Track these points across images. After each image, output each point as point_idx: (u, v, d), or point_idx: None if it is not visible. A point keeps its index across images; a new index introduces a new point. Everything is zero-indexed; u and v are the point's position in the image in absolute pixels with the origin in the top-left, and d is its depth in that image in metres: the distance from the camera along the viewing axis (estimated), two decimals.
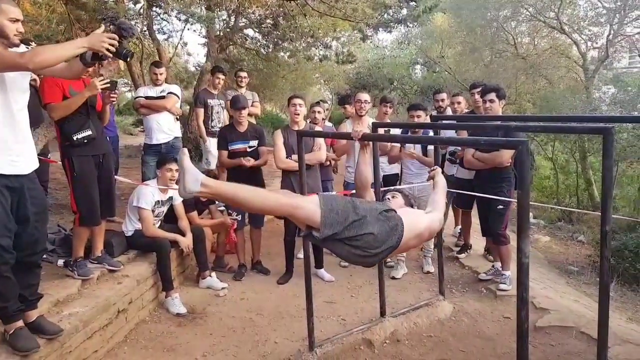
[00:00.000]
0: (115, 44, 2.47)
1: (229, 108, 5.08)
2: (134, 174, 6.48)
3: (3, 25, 2.39)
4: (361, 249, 2.13)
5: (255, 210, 2.32)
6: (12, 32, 2.42)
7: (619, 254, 6.82)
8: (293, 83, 17.03)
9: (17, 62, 2.31)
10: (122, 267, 3.77)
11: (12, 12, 2.42)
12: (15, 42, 2.47)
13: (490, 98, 4.29)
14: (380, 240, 2.15)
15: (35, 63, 2.34)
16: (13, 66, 2.35)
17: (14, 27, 2.42)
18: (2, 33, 2.40)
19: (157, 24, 11.36)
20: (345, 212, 2.08)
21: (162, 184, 4.25)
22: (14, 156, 2.47)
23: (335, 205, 2.08)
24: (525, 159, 1.82)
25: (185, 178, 1.89)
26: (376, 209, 2.21)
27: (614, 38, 10.96)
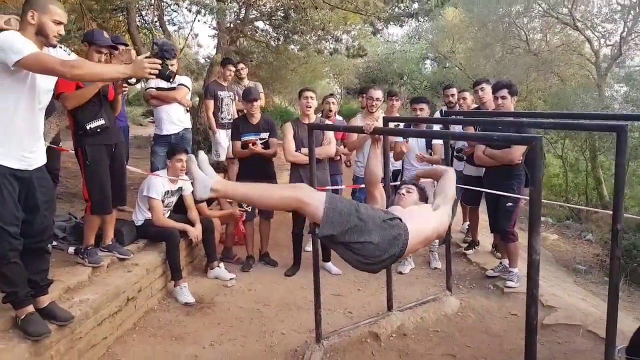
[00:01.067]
0: (157, 68, 2.51)
1: (241, 100, 5.09)
2: (144, 164, 6.52)
3: (46, 25, 2.46)
4: (362, 256, 2.12)
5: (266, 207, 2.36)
6: (53, 33, 2.49)
7: (628, 253, 6.78)
8: (302, 76, 16.99)
9: (57, 70, 2.35)
10: (131, 255, 3.81)
11: (58, 14, 2.49)
12: (53, 43, 2.54)
13: (503, 95, 4.27)
14: (382, 249, 2.12)
15: (74, 75, 2.40)
16: (51, 71, 2.39)
17: (56, 29, 2.49)
18: (43, 31, 2.46)
19: (168, 15, 11.37)
20: (348, 215, 2.04)
21: (172, 174, 4.28)
22: (27, 153, 2.52)
23: (340, 205, 2.05)
24: (538, 155, 1.81)
25: (195, 186, 1.95)
26: (380, 216, 2.15)
27: (627, 35, 10.82)
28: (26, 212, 2.55)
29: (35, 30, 2.46)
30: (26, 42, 2.37)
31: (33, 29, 2.46)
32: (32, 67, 2.36)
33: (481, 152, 4.43)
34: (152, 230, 4.13)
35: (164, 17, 10.73)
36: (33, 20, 2.44)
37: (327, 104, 5.22)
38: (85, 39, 3.52)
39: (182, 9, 10.99)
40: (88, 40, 3.47)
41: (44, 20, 2.45)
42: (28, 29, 2.46)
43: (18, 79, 2.41)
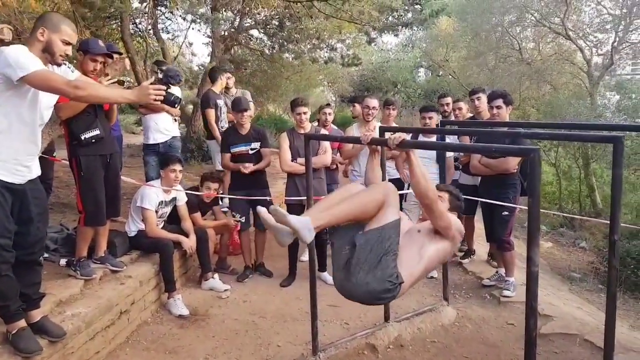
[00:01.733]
0: (162, 95, 2.52)
1: (230, 111, 5.06)
2: (137, 173, 6.47)
3: (54, 43, 2.48)
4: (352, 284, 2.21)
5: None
6: (60, 52, 2.51)
7: (622, 261, 6.79)
8: (297, 84, 17.01)
9: (62, 89, 2.37)
10: (124, 267, 3.76)
11: (68, 35, 2.52)
12: (59, 62, 2.57)
13: (498, 104, 4.28)
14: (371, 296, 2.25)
15: (78, 96, 2.42)
16: (56, 90, 2.41)
17: (63, 49, 2.52)
18: (50, 49, 2.49)
19: (162, 23, 11.37)
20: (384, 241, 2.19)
21: (166, 184, 4.24)
22: (21, 167, 2.50)
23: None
24: (537, 167, 1.80)
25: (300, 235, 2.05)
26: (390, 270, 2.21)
27: (618, 45, 10.94)
28: (19, 224, 2.52)
29: (42, 47, 2.48)
30: (32, 59, 2.37)
31: (41, 46, 2.48)
32: (36, 84, 2.36)
33: (477, 162, 4.43)
34: (145, 242, 4.08)
35: (158, 25, 10.73)
36: (42, 37, 2.46)
37: (324, 115, 5.21)
38: (80, 47, 3.49)
39: (176, 17, 11.02)
40: (83, 49, 3.45)
41: (53, 38, 2.47)
42: (36, 44, 2.47)
43: (19, 94, 2.41)
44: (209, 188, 4.65)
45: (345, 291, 2.32)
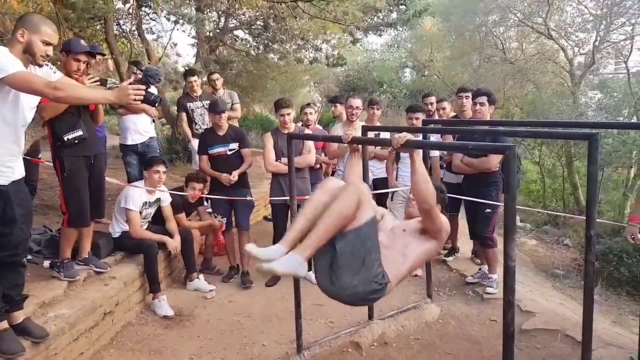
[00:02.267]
0: (141, 94, 2.51)
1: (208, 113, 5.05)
2: (121, 174, 6.42)
3: (34, 44, 2.48)
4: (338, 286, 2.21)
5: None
6: (40, 52, 2.51)
7: (604, 257, 6.92)
8: (283, 85, 17.02)
9: (41, 90, 2.37)
10: (109, 268, 3.74)
11: (48, 35, 2.51)
12: (39, 62, 2.56)
13: (481, 101, 4.34)
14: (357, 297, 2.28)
15: (58, 97, 2.42)
16: (35, 91, 2.41)
17: (44, 49, 2.51)
18: (30, 50, 2.48)
19: (146, 23, 11.29)
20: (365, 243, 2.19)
21: (150, 185, 4.23)
22: (4, 167, 2.50)
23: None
24: (512, 164, 1.84)
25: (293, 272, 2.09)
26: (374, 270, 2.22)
27: (600, 44, 11.13)
28: (3, 226, 2.52)
29: (23, 48, 2.47)
30: (12, 60, 2.36)
31: (21, 47, 2.47)
32: (15, 85, 2.35)
33: (459, 161, 4.49)
34: (129, 243, 4.06)
35: (143, 25, 10.66)
36: (22, 39, 2.46)
37: (305, 115, 5.23)
38: (63, 48, 3.47)
39: (160, 17, 10.96)
40: (65, 50, 3.42)
41: (34, 39, 2.47)
42: (16, 46, 2.47)
43: (0, 95, 2.39)
44: (193, 188, 4.65)
45: (332, 294, 2.31)
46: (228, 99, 6.28)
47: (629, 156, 9.03)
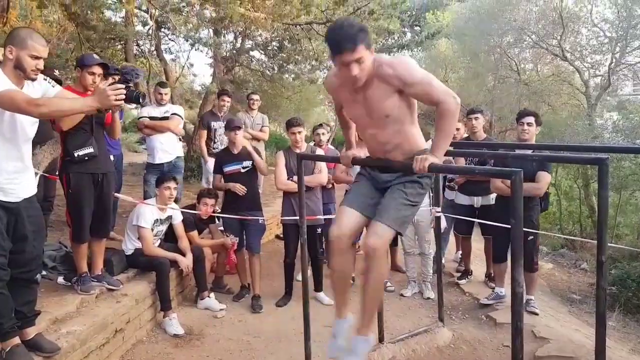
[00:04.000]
0: (122, 93, 2.51)
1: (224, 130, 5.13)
2: (137, 192, 6.52)
3: (23, 59, 2.50)
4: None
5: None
6: (30, 67, 2.53)
7: (622, 283, 6.76)
8: (297, 104, 17.21)
9: (24, 108, 2.40)
10: (121, 286, 3.77)
11: (36, 49, 2.52)
12: (32, 76, 2.58)
13: (529, 121, 4.27)
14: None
15: (41, 113, 2.46)
16: (20, 110, 2.43)
17: (33, 64, 2.53)
18: (20, 66, 2.51)
19: (165, 44, 11.58)
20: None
21: (161, 202, 4.29)
22: (13, 185, 2.54)
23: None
24: (519, 189, 1.84)
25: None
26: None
27: (615, 66, 11.06)
28: (15, 242, 2.56)
29: (13, 64, 2.51)
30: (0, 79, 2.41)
31: (11, 64, 2.51)
32: (2, 105, 2.40)
33: (500, 182, 4.32)
34: (142, 260, 4.11)
35: (161, 46, 10.93)
36: (11, 55, 2.50)
37: (317, 135, 5.27)
38: (77, 64, 3.55)
39: (179, 38, 11.22)
40: (80, 65, 3.49)
41: (22, 55, 2.49)
42: (7, 63, 2.52)
43: None
44: (205, 204, 4.69)
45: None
46: (260, 120, 6.47)
47: None
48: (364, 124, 2.46)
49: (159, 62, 11.07)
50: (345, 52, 2.12)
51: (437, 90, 2.24)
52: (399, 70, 2.23)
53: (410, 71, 2.24)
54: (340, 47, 2.12)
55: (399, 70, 2.23)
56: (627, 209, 10.92)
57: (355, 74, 2.17)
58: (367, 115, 2.38)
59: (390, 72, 2.23)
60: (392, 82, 2.24)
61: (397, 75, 2.23)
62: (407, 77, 2.22)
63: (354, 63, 2.14)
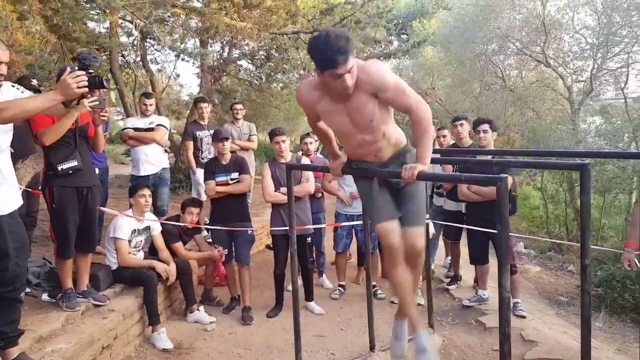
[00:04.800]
0: (84, 80, 2.45)
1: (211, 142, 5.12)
2: (124, 204, 6.45)
3: None
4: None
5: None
6: None
7: (608, 284, 6.82)
8: (286, 113, 17.21)
9: None
10: (108, 301, 3.72)
11: None
12: None
13: (484, 129, 4.41)
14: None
15: (5, 118, 2.35)
16: None
17: None
18: None
19: (151, 54, 11.54)
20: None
21: (137, 211, 4.24)
22: None
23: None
24: (504, 195, 1.86)
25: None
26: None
27: (597, 72, 11.22)
28: None
29: None
30: None
31: None
32: None
33: (466, 189, 4.47)
34: (127, 274, 4.06)
35: (147, 56, 10.89)
36: None
37: (305, 144, 5.29)
38: (59, 76, 3.47)
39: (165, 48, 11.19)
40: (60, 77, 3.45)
41: None
42: None
43: None
44: (191, 213, 4.66)
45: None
46: (247, 130, 6.43)
47: (629, 182, 8.98)
48: (349, 132, 2.46)
49: (145, 73, 11.02)
50: (339, 66, 2.12)
51: (410, 97, 2.29)
52: (373, 76, 2.26)
53: (384, 77, 2.28)
54: (333, 62, 2.12)
55: (373, 77, 2.26)
56: (611, 211, 11.05)
57: (350, 85, 2.19)
58: (352, 122, 2.39)
59: (365, 78, 2.26)
60: (367, 88, 2.28)
61: (371, 81, 2.26)
62: (381, 83, 2.26)
63: (347, 74, 2.16)
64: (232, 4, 5.36)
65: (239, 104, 6.69)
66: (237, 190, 4.66)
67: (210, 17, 5.57)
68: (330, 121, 2.53)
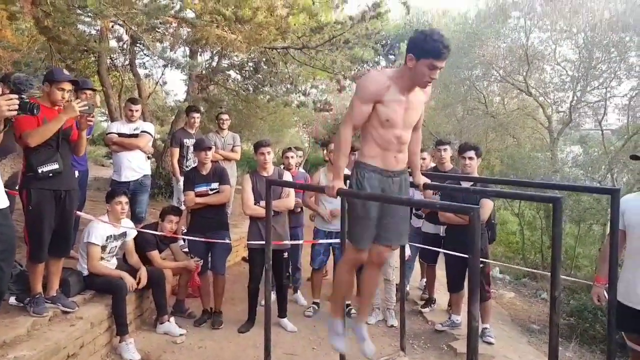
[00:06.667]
0: (15, 104, 2.43)
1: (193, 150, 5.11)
2: (101, 208, 6.35)
3: None
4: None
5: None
6: None
7: (579, 314, 6.95)
8: (271, 124, 17.22)
9: None
10: (77, 308, 3.65)
11: None
12: None
13: (470, 156, 4.47)
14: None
15: None
16: None
17: None
18: None
19: (140, 59, 11.47)
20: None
21: (113, 217, 4.19)
22: None
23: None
24: (477, 225, 1.90)
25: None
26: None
27: (577, 104, 11.57)
28: None
29: None
30: None
31: None
32: None
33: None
34: (98, 281, 3.98)
35: (136, 60, 10.82)
36: None
37: (287, 159, 5.30)
38: (46, 79, 3.44)
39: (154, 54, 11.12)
40: (49, 80, 3.39)
41: None
42: None
43: None
44: (170, 221, 4.62)
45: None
46: (231, 140, 6.42)
47: (604, 214, 9.21)
48: (397, 124, 2.63)
49: (133, 77, 10.94)
50: (445, 60, 2.46)
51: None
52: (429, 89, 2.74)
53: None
54: (446, 55, 2.44)
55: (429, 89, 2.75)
56: (586, 240, 11.29)
57: (436, 78, 2.52)
58: (404, 116, 2.63)
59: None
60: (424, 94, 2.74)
61: (428, 91, 2.75)
62: (428, 97, 2.80)
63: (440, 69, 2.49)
64: (224, 18, 5.40)
65: (225, 114, 6.70)
66: (217, 201, 4.65)
67: (202, 28, 5.60)
68: (390, 109, 2.62)
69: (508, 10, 12.22)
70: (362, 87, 2.63)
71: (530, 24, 11.91)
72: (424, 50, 2.43)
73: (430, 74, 2.48)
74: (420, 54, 2.44)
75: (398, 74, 2.59)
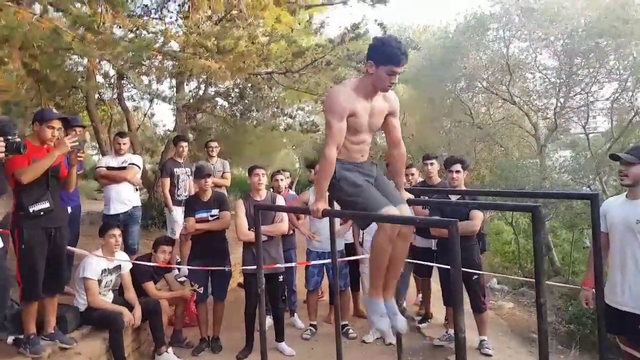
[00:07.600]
0: (2, 145, 2.52)
1: (193, 178, 5.17)
2: (96, 242, 6.35)
3: None
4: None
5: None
6: None
7: (578, 320, 6.93)
8: (261, 148, 17.33)
9: None
10: (75, 344, 3.65)
11: None
12: None
13: (457, 169, 4.54)
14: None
15: None
16: None
17: None
18: None
19: (127, 91, 11.58)
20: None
21: (107, 251, 4.22)
22: None
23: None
24: (456, 238, 1.96)
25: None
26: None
27: (561, 110, 11.78)
28: None
29: None
30: None
31: None
32: None
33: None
34: (95, 315, 3.99)
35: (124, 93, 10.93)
36: None
37: (276, 181, 5.37)
38: (35, 118, 3.50)
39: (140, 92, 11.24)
40: (38, 120, 3.46)
41: None
42: None
43: None
44: (163, 251, 4.65)
45: None
46: (220, 167, 6.51)
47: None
48: (363, 129, 2.72)
49: (122, 111, 11.04)
50: (403, 65, 2.52)
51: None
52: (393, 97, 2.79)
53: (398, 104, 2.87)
54: (404, 61, 2.51)
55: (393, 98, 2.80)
56: (582, 245, 11.33)
57: (395, 82, 2.59)
58: (369, 122, 2.71)
59: (389, 94, 2.75)
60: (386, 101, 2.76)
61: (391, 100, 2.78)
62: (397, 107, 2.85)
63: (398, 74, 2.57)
64: (205, 50, 5.53)
65: (214, 141, 6.79)
66: (217, 227, 4.70)
67: (185, 61, 5.72)
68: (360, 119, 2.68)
69: (486, 22, 12.50)
70: (333, 104, 2.61)
71: (509, 34, 12.20)
72: (384, 57, 2.49)
73: (390, 79, 2.55)
74: (380, 60, 2.50)
75: (360, 82, 2.66)
